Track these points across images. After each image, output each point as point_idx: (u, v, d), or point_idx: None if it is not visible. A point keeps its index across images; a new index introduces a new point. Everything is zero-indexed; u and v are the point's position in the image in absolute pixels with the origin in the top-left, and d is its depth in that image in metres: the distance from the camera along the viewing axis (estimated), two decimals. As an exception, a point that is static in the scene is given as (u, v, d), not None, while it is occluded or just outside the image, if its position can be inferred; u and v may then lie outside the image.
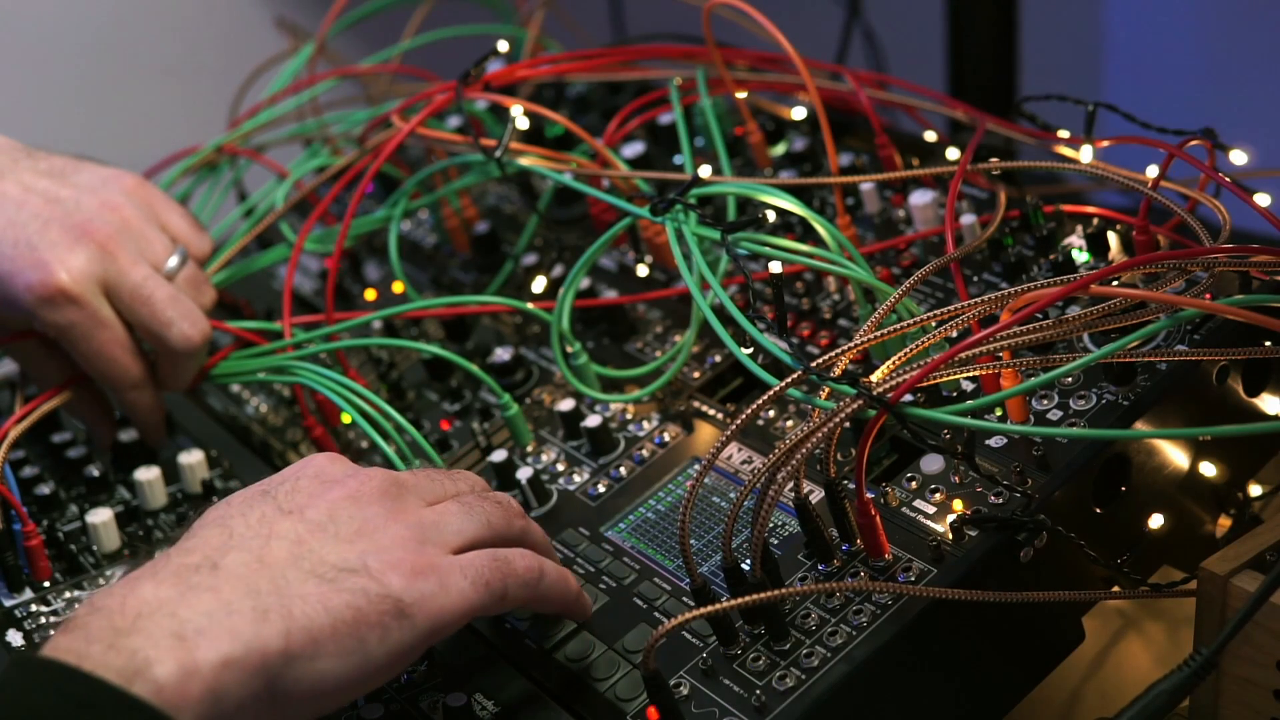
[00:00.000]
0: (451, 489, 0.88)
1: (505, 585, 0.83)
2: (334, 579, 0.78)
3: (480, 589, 0.82)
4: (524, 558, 0.85)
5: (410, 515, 0.83)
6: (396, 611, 0.78)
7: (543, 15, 1.41)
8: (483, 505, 0.87)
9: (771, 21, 1.09)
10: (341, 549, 0.80)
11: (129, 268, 1.05)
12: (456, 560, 0.82)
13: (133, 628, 0.73)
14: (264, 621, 0.75)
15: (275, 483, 0.85)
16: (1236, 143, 1.00)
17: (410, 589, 0.79)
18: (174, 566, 0.78)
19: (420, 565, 0.80)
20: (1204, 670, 0.75)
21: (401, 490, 0.85)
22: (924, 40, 1.80)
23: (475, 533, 0.85)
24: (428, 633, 0.80)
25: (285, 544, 0.80)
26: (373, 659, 0.78)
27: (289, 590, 0.77)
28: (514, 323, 1.17)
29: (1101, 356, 0.80)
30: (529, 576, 0.85)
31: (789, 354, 0.87)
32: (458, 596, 0.81)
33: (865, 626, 0.83)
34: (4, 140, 1.10)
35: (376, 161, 1.14)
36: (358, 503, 0.83)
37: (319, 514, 0.82)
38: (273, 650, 0.75)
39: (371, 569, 0.79)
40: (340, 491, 0.83)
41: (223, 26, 1.88)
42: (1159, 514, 0.90)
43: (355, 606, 0.77)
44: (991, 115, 1.13)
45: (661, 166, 1.23)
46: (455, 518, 0.85)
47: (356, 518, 0.82)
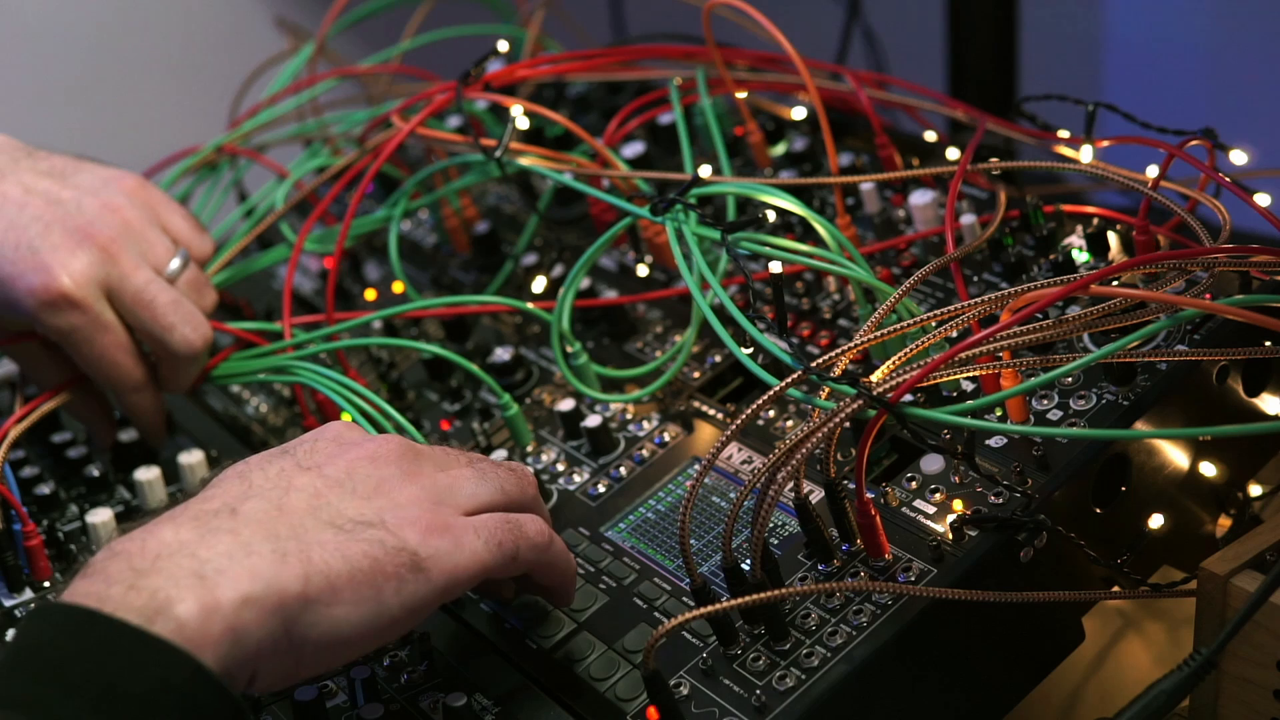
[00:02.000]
0: (464, 458, 0.89)
1: (517, 546, 0.84)
2: (351, 530, 0.79)
3: (493, 549, 0.83)
4: (535, 522, 0.86)
5: (426, 478, 0.85)
6: (413, 565, 0.79)
7: (543, 15, 1.41)
8: (497, 471, 0.88)
9: (771, 21, 1.09)
10: (358, 504, 0.81)
11: (131, 271, 1.05)
12: (470, 521, 0.83)
13: (153, 568, 0.74)
14: (283, 564, 0.76)
15: (294, 444, 0.86)
16: (1236, 143, 1.00)
17: (425, 545, 0.80)
18: (193, 512, 0.79)
19: (435, 524, 0.82)
20: (1204, 670, 0.75)
21: (417, 456, 0.86)
22: (924, 40, 1.80)
23: (489, 497, 0.86)
24: (442, 588, 0.81)
25: (304, 496, 0.81)
26: (388, 610, 0.79)
27: (307, 537, 0.78)
28: (514, 323, 1.17)
29: (1101, 356, 0.80)
30: (540, 540, 0.86)
31: (789, 354, 0.87)
32: (471, 555, 0.82)
33: (865, 626, 0.83)
34: (5, 140, 1.10)
35: (377, 161, 1.14)
36: (375, 463, 0.84)
37: (337, 471, 0.83)
38: (291, 592, 0.75)
39: (388, 524, 0.80)
40: (358, 453, 0.84)
41: (223, 26, 1.88)
42: (1159, 514, 0.90)
43: (372, 556, 0.78)
44: (991, 115, 1.13)
45: (661, 166, 1.23)
46: (470, 482, 0.86)
47: (373, 477, 0.83)
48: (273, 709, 0.90)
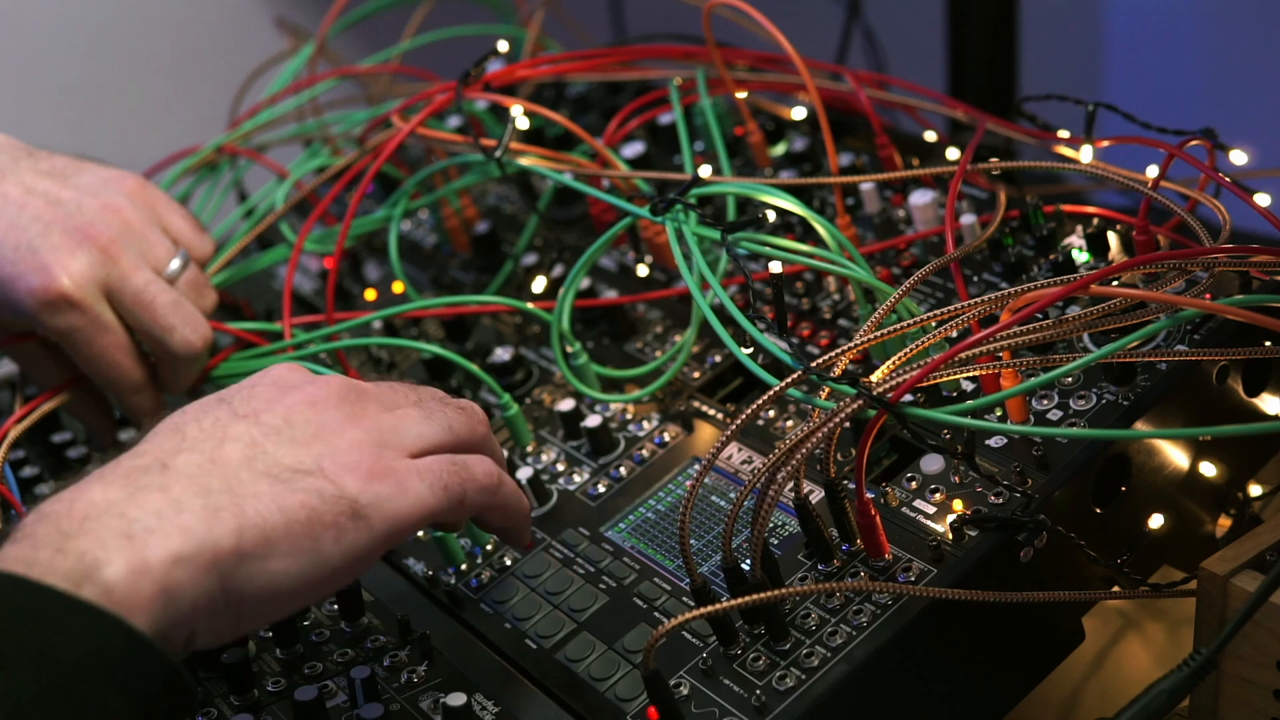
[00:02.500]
0: (413, 396, 0.87)
1: (464, 490, 0.82)
2: (288, 479, 0.77)
3: (439, 493, 0.81)
4: (483, 464, 0.84)
5: (369, 420, 0.82)
6: (352, 513, 0.78)
7: (543, 15, 1.41)
8: (444, 411, 0.86)
9: (771, 21, 1.09)
10: (296, 451, 0.79)
11: (131, 272, 1.05)
12: (414, 464, 0.81)
13: (80, 530, 0.72)
14: (215, 519, 0.74)
15: (233, 390, 0.83)
16: (1236, 143, 1.00)
17: (366, 491, 0.78)
18: (124, 469, 0.77)
19: (377, 468, 0.80)
20: (1204, 670, 0.75)
21: (361, 396, 0.84)
22: (924, 40, 1.80)
23: (436, 438, 0.84)
24: (384, 535, 0.79)
25: (239, 446, 0.78)
26: (327, 560, 0.77)
27: (242, 489, 0.76)
28: (514, 323, 1.17)
29: (1101, 356, 0.80)
30: (488, 482, 0.84)
31: (789, 354, 0.88)
32: (415, 499, 0.80)
33: (865, 626, 0.83)
34: (6, 140, 1.10)
35: (377, 161, 1.14)
36: (315, 407, 0.82)
37: (274, 418, 0.81)
38: (225, 548, 0.74)
39: (327, 471, 0.78)
40: (298, 397, 0.82)
41: (223, 26, 1.88)
42: (1159, 514, 0.91)
43: (309, 506, 0.77)
44: (991, 115, 1.13)
45: (661, 166, 1.23)
46: (415, 422, 0.84)
47: (313, 421, 0.81)
48: (272, 709, 0.90)
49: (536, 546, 0.97)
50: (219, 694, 0.90)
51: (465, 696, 0.86)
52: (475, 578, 0.97)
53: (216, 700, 0.90)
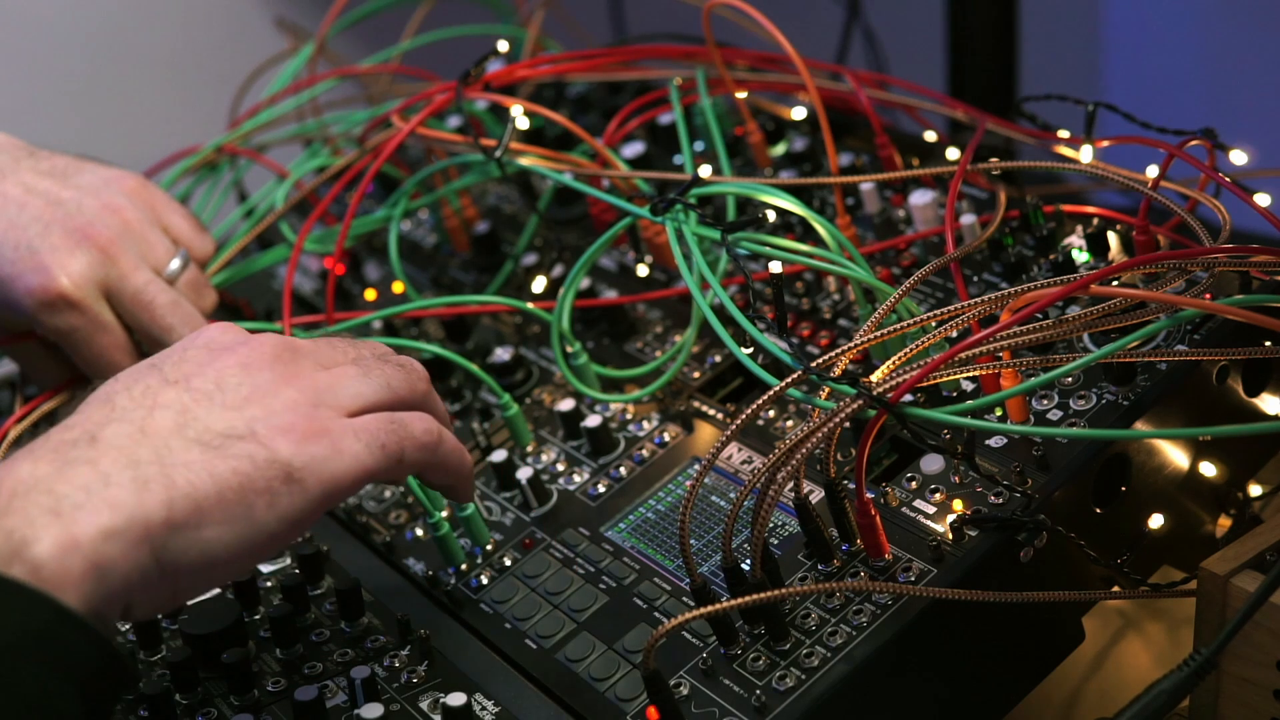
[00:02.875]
0: (351, 353, 0.86)
1: (402, 448, 0.81)
2: (219, 446, 0.76)
3: (376, 452, 0.80)
4: (422, 420, 0.83)
5: (304, 379, 0.81)
6: (285, 477, 0.77)
7: (543, 15, 1.41)
8: (383, 368, 0.85)
9: (771, 21, 1.09)
10: (228, 416, 0.78)
11: (130, 272, 1.05)
12: (351, 423, 0.80)
13: (8, 508, 0.71)
14: (145, 491, 0.73)
15: (164, 355, 0.82)
16: (1236, 143, 1.00)
17: (300, 453, 0.77)
18: (53, 443, 0.75)
19: (312, 429, 0.78)
20: (1204, 670, 0.75)
21: (296, 355, 0.82)
22: (924, 40, 1.80)
23: (374, 395, 0.83)
24: (320, 498, 0.78)
25: (169, 413, 0.77)
26: (262, 526, 0.76)
27: (171, 459, 0.75)
28: (514, 323, 1.17)
29: (1101, 356, 0.80)
30: (427, 440, 0.83)
31: (789, 354, 0.87)
32: (351, 460, 0.79)
33: (865, 626, 0.83)
34: (6, 139, 1.10)
35: (377, 161, 1.14)
36: (247, 369, 0.80)
37: (205, 382, 0.79)
38: (155, 520, 0.73)
39: (259, 435, 0.77)
40: (230, 359, 0.81)
41: (223, 26, 1.88)
42: (1159, 514, 0.91)
43: (241, 473, 0.75)
44: (991, 115, 1.13)
45: (661, 166, 1.23)
46: (353, 380, 0.83)
47: (245, 384, 0.79)
48: (272, 709, 0.90)
49: (536, 546, 0.97)
50: (219, 694, 0.90)
51: (465, 696, 0.86)
52: (475, 578, 0.97)
53: (216, 700, 0.90)
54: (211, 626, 0.92)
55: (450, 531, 0.97)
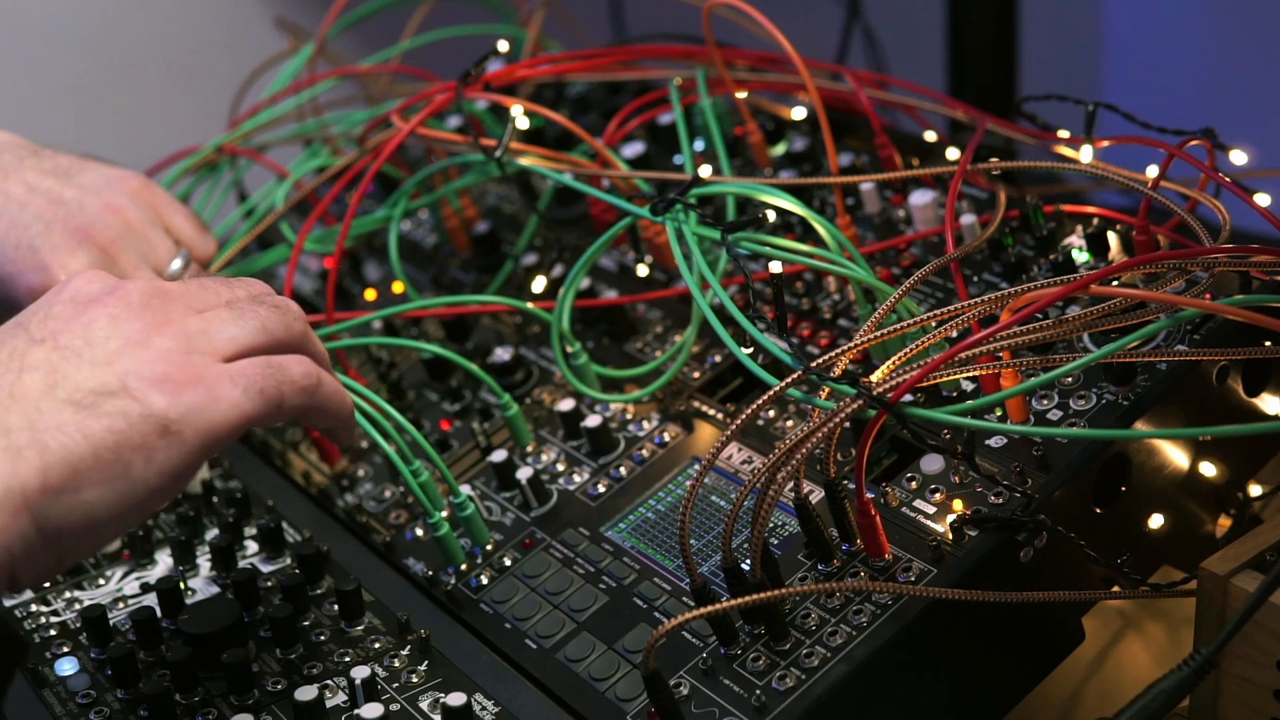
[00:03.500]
0: (226, 294, 0.84)
1: (281, 392, 0.80)
2: (91, 404, 0.75)
3: (254, 397, 0.78)
4: (301, 364, 0.82)
5: (175, 325, 0.79)
6: (161, 430, 0.75)
7: (543, 15, 1.41)
8: (258, 310, 0.83)
9: (771, 21, 1.09)
10: (99, 372, 0.76)
11: (130, 272, 1.05)
12: (226, 369, 0.79)
13: None
14: (18, 459, 0.72)
15: (29, 312, 0.80)
16: (1236, 143, 1.00)
17: (175, 404, 0.76)
18: None
19: (186, 377, 0.77)
20: (1204, 670, 0.75)
21: (166, 300, 0.81)
22: (924, 40, 1.80)
23: (249, 339, 0.81)
24: (199, 448, 0.77)
25: (38, 375, 0.76)
26: (142, 483, 0.75)
27: (43, 422, 0.74)
28: (514, 323, 1.17)
29: (1101, 356, 0.80)
30: (306, 383, 0.82)
31: (789, 354, 0.88)
32: (229, 406, 0.77)
33: (865, 626, 0.83)
34: (10, 138, 1.10)
35: (377, 161, 1.14)
36: (115, 320, 0.78)
37: (73, 338, 0.78)
38: (32, 488, 0.72)
39: (132, 389, 0.76)
40: (97, 311, 0.79)
41: (223, 26, 1.88)
42: (1159, 514, 0.91)
43: (116, 430, 0.74)
44: (991, 115, 1.13)
45: (661, 166, 1.23)
46: (227, 324, 0.81)
47: (115, 336, 0.78)
48: (272, 709, 0.90)
49: (536, 546, 0.97)
50: (219, 694, 0.90)
51: (465, 696, 0.86)
52: (475, 578, 0.97)
53: (216, 700, 0.90)
54: (211, 626, 0.92)
55: (450, 531, 0.97)
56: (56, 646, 0.96)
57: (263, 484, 1.10)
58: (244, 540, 1.04)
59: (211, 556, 1.01)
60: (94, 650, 0.95)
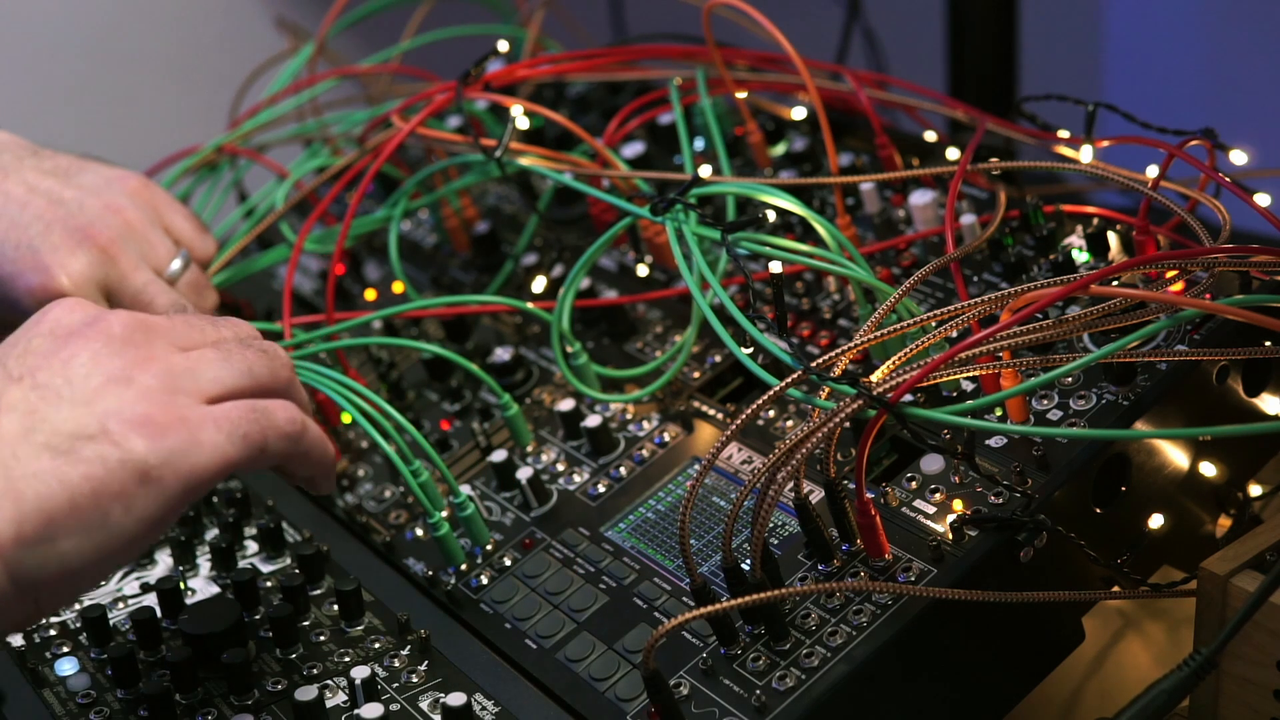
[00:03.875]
0: (212, 334, 0.82)
1: (265, 438, 0.78)
2: (69, 450, 0.72)
3: (237, 442, 0.76)
4: (286, 409, 0.80)
5: (158, 363, 0.77)
6: (141, 477, 0.73)
7: (543, 15, 1.41)
8: (245, 353, 0.81)
9: (771, 21, 1.09)
10: (78, 413, 0.74)
11: (130, 272, 1.05)
12: (210, 412, 0.76)
13: None
14: None
15: (8, 346, 0.77)
16: (1236, 143, 1.00)
17: (156, 449, 0.74)
18: None
19: (168, 420, 0.75)
20: (1204, 670, 0.75)
21: (150, 335, 0.78)
22: (924, 40, 1.80)
23: (235, 381, 0.79)
24: (180, 494, 0.74)
25: (15, 417, 0.73)
26: (121, 531, 0.73)
27: (18, 470, 0.71)
28: (514, 323, 1.17)
29: (1101, 356, 0.80)
30: (291, 429, 0.80)
31: (789, 354, 0.87)
32: (211, 451, 0.75)
33: (865, 626, 0.83)
34: (10, 138, 1.10)
35: (377, 161, 1.14)
36: (97, 357, 0.76)
37: (52, 375, 0.75)
38: (5, 539, 0.70)
39: (112, 432, 0.73)
40: (78, 345, 0.76)
41: (223, 26, 1.88)
42: (1159, 514, 0.91)
43: (93, 478, 0.72)
44: (991, 115, 1.13)
45: (661, 166, 1.23)
46: (212, 365, 0.79)
47: (95, 374, 0.75)
48: (272, 709, 0.90)
49: (536, 546, 0.97)
50: (219, 694, 0.90)
51: (465, 696, 0.86)
52: (475, 578, 0.97)
53: (216, 700, 0.90)
54: (211, 626, 0.92)
55: (450, 531, 0.97)
56: (56, 646, 0.96)
57: (263, 484, 1.10)
58: (244, 540, 1.04)
59: (211, 556, 1.01)
60: (94, 650, 0.95)
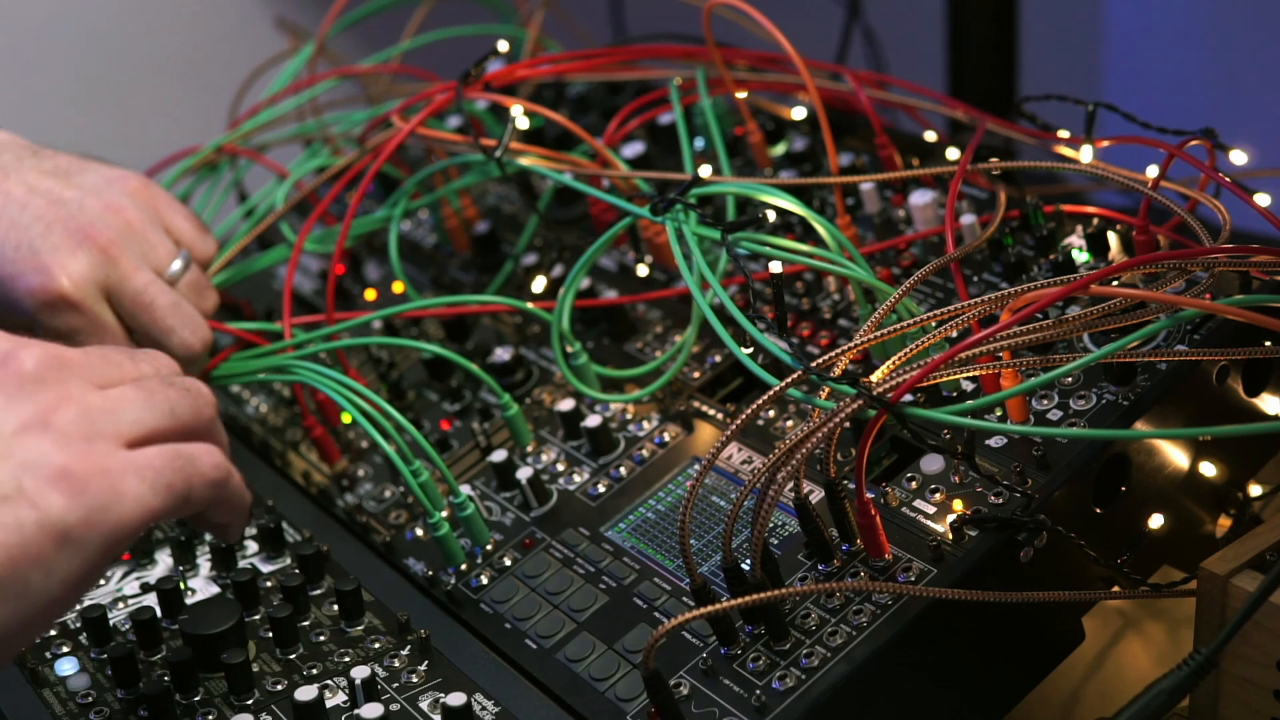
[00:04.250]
0: (132, 370, 0.78)
1: (189, 485, 0.74)
2: None
3: (161, 493, 0.73)
4: (210, 454, 0.76)
5: (75, 403, 0.73)
6: (60, 539, 0.69)
7: (543, 15, 1.41)
8: (167, 391, 0.77)
9: (771, 21, 1.09)
10: None
11: (131, 273, 1.05)
12: (132, 459, 0.73)
13: None
14: None
15: None
16: (1236, 143, 1.00)
17: (75, 507, 0.70)
18: None
19: (88, 472, 0.71)
20: (1204, 670, 0.75)
21: (64, 372, 0.74)
22: (924, 40, 1.80)
23: (156, 422, 0.75)
24: (102, 552, 0.71)
25: None
26: (42, 596, 0.69)
27: None
28: (514, 323, 1.17)
29: (1101, 356, 0.80)
30: (216, 476, 0.76)
31: (789, 354, 0.87)
32: (134, 504, 0.72)
33: (865, 626, 0.83)
34: (10, 138, 1.10)
35: (377, 161, 1.14)
36: (10, 401, 0.72)
37: None
38: None
39: (28, 490, 0.69)
40: None
41: (223, 26, 1.88)
42: (1159, 514, 0.91)
43: (9, 545, 0.68)
44: (991, 115, 1.13)
45: (661, 166, 1.23)
46: (132, 405, 0.75)
47: (8, 420, 0.71)
48: (272, 709, 0.90)
49: (536, 546, 0.97)
50: (219, 694, 0.90)
51: (465, 696, 0.86)
52: (475, 578, 0.97)
53: (216, 700, 0.90)
54: (211, 626, 0.92)
55: (450, 531, 0.97)
56: (56, 646, 0.96)
57: (263, 484, 1.10)
58: (244, 540, 1.04)
59: (211, 556, 1.01)
60: (94, 650, 0.95)
